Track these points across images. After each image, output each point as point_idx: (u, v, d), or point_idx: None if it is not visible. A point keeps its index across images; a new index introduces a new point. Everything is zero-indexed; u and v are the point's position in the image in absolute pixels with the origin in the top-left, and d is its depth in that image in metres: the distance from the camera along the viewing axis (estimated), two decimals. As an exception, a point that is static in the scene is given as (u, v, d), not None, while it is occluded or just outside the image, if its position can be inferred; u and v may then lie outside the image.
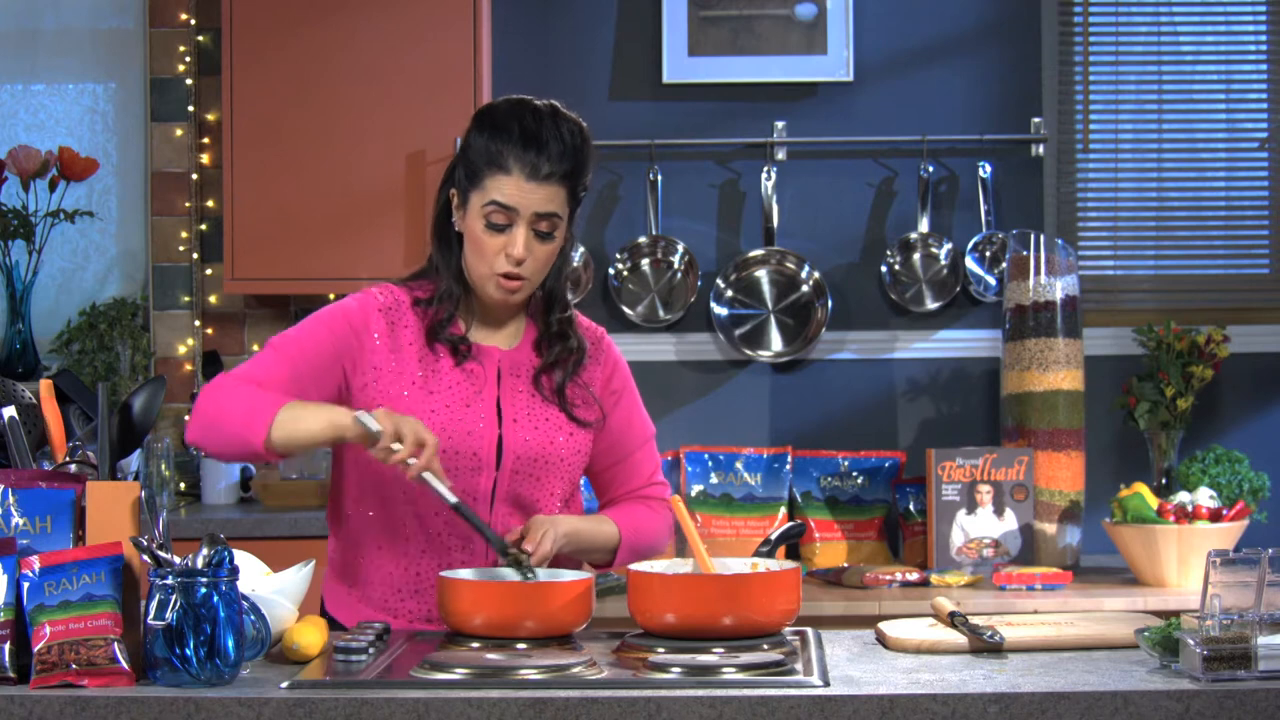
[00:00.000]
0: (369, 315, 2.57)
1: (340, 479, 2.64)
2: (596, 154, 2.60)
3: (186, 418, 4.49)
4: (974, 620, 2.33)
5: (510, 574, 2.42)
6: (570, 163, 2.52)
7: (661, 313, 4.40)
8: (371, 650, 2.26)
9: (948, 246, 4.39)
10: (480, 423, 2.56)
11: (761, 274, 4.40)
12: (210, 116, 4.53)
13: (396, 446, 2.36)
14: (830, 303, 4.38)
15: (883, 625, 2.41)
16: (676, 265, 4.41)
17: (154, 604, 2.08)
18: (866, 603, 3.57)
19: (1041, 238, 3.96)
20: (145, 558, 2.11)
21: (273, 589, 2.33)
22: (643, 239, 4.40)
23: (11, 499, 2.21)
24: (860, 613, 3.52)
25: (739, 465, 4.15)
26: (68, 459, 2.40)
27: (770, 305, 4.40)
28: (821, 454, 4.20)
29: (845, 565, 3.94)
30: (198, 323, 4.53)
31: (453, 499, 2.40)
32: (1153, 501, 3.68)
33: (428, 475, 2.38)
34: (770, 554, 2.50)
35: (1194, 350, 4.09)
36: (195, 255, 4.53)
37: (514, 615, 2.28)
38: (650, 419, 2.78)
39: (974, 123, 4.44)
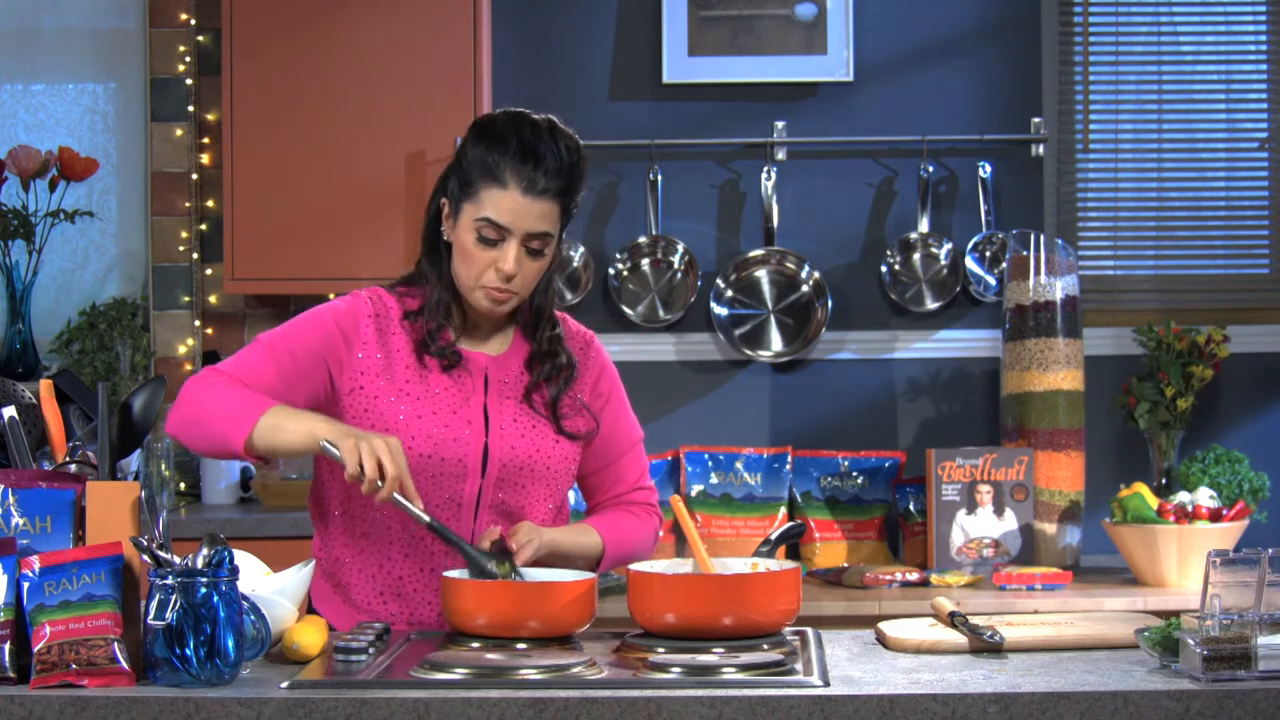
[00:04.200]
0: (358, 320, 2.57)
1: (322, 477, 2.63)
2: (589, 171, 2.60)
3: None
4: (974, 620, 2.34)
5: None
6: (565, 179, 2.52)
7: (661, 313, 4.40)
8: (371, 650, 2.26)
9: (948, 246, 4.39)
10: (466, 429, 2.55)
11: (761, 274, 4.40)
12: (210, 116, 4.53)
13: (365, 472, 2.34)
14: (830, 303, 4.38)
15: (883, 625, 2.41)
16: (676, 265, 4.41)
17: (154, 604, 2.08)
18: (866, 603, 3.57)
19: (1041, 238, 3.96)
20: (145, 558, 2.11)
21: (273, 589, 2.33)
22: (643, 239, 4.40)
23: (11, 499, 2.21)
24: (860, 613, 3.52)
25: (739, 465, 4.15)
26: (68, 459, 2.40)
27: (770, 305, 4.40)
28: (821, 454, 4.20)
29: (845, 565, 3.94)
30: (198, 323, 4.53)
31: (426, 518, 2.40)
32: (1153, 501, 3.68)
33: (398, 497, 2.37)
34: (770, 554, 2.50)
35: (1194, 350, 4.09)
36: (195, 255, 4.53)
37: (517, 615, 2.28)
38: (638, 423, 2.77)
39: (974, 123, 4.44)
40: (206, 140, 4.53)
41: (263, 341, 2.55)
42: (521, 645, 2.27)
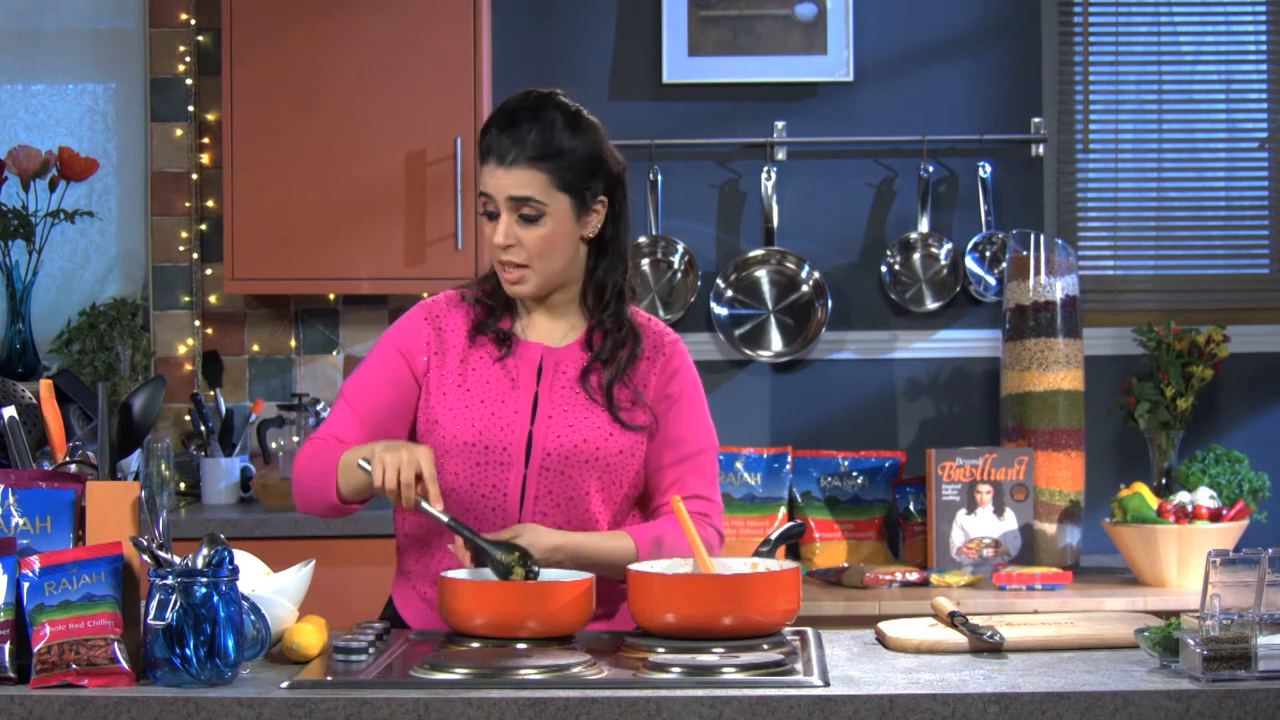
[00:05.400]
0: (416, 327, 2.63)
1: None
2: (593, 141, 2.57)
3: (188, 418, 4.49)
4: (974, 620, 2.34)
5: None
6: (541, 146, 2.52)
7: (661, 313, 4.40)
8: (371, 650, 2.26)
9: (948, 246, 4.39)
10: (512, 416, 2.56)
11: (761, 274, 4.40)
12: (210, 116, 4.53)
13: (389, 484, 2.39)
14: (830, 303, 4.38)
15: (883, 625, 2.42)
16: (676, 265, 4.41)
17: (154, 604, 2.08)
18: (866, 603, 3.57)
19: (1041, 238, 3.96)
20: (145, 558, 2.11)
21: (273, 589, 2.33)
22: (643, 239, 4.40)
23: (11, 499, 2.21)
24: (860, 613, 3.52)
25: (739, 465, 4.15)
26: (68, 459, 2.40)
27: (770, 305, 4.40)
28: (821, 454, 4.20)
29: (845, 565, 3.94)
30: (198, 323, 4.53)
31: (445, 518, 2.42)
32: (1153, 501, 3.68)
33: (420, 503, 2.40)
34: (770, 554, 2.50)
35: (1194, 350, 4.09)
36: (195, 255, 4.52)
37: (516, 615, 2.28)
38: (713, 433, 2.70)
39: (974, 123, 4.44)
40: (206, 140, 4.53)
41: (344, 393, 2.64)
42: (521, 645, 2.27)
